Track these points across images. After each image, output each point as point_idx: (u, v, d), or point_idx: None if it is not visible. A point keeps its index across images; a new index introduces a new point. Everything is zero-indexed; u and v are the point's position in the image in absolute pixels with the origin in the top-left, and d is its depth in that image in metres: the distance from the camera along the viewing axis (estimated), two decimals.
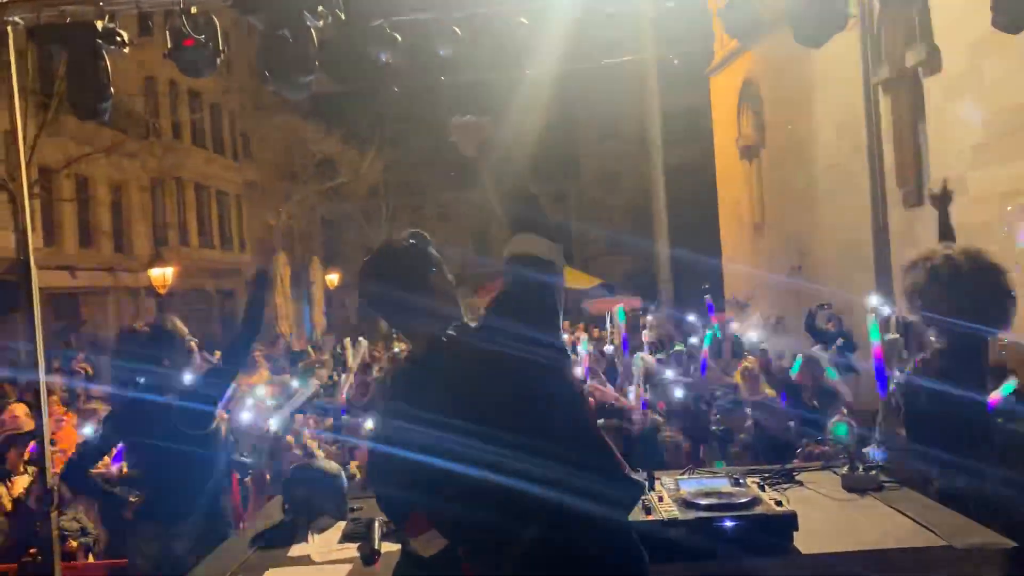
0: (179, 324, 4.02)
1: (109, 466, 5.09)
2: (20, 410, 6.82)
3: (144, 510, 3.79)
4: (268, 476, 5.55)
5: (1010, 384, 3.22)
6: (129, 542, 3.80)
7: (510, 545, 2.00)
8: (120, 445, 4.17)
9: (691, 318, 13.42)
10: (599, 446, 2.11)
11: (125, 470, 5.62)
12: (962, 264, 3.19)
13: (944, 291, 3.15)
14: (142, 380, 3.86)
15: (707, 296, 9.84)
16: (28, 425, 6.82)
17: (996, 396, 3.15)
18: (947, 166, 10.81)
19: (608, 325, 16.24)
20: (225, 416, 5.82)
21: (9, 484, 5.96)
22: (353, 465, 6.24)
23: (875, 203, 12.61)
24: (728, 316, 15.63)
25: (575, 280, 26.83)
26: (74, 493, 4.86)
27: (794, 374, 6.27)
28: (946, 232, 3.99)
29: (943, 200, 4.13)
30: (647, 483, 2.71)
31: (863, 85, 12.52)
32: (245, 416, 6.08)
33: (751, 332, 9.71)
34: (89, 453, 4.02)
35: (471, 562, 2.10)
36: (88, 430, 6.34)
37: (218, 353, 7.56)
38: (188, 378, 3.93)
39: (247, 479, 5.42)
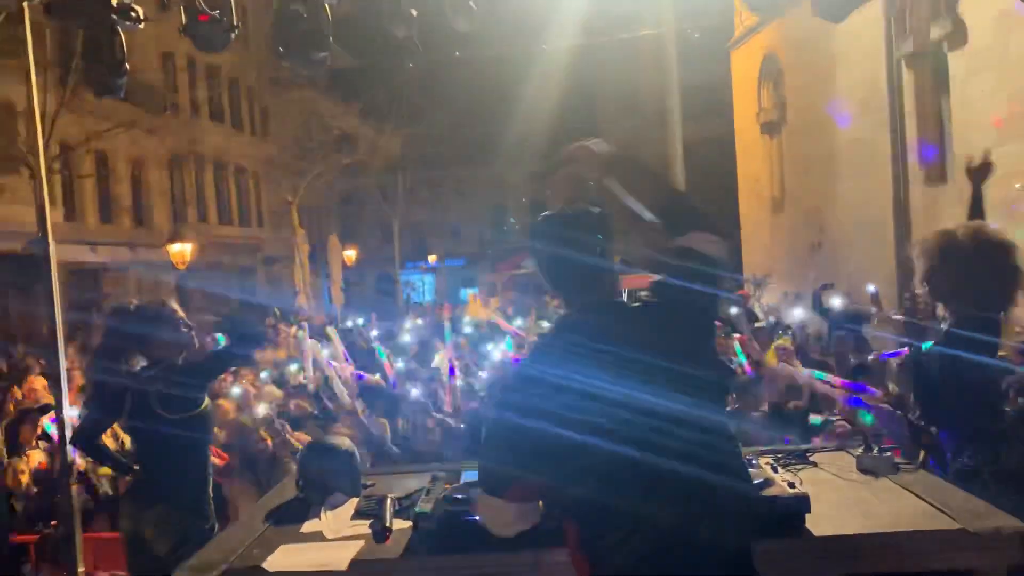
0: (174, 306, 3.98)
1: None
2: (39, 383, 6.92)
3: (127, 490, 3.88)
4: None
5: None
6: (123, 518, 3.85)
7: (635, 529, 1.95)
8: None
9: None
10: (730, 439, 2.10)
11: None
12: (966, 242, 3.14)
13: (950, 270, 3.12)
14: (121, 360, 3.83)
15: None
16: (46, 398, 6.92)
17: None
18: (970, 142, 10.66)
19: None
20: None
21: (25, 458, 6.06)
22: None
23: (896, 179, 12.48)
24: (744, 293, 15.56)
25: None
26: (85, 455, 4.91)
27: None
28: (977, 208, 3.83)
29: (979, 175, 3.92)
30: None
31: (886, 59, 12.34)
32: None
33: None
34: (93, 422, 4.02)
35: (588, 548, 2.02)
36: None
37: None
38: (179, 360, 3.89)
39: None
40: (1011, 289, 3.13)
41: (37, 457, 5.96)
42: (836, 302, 9.11)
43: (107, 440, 4.48)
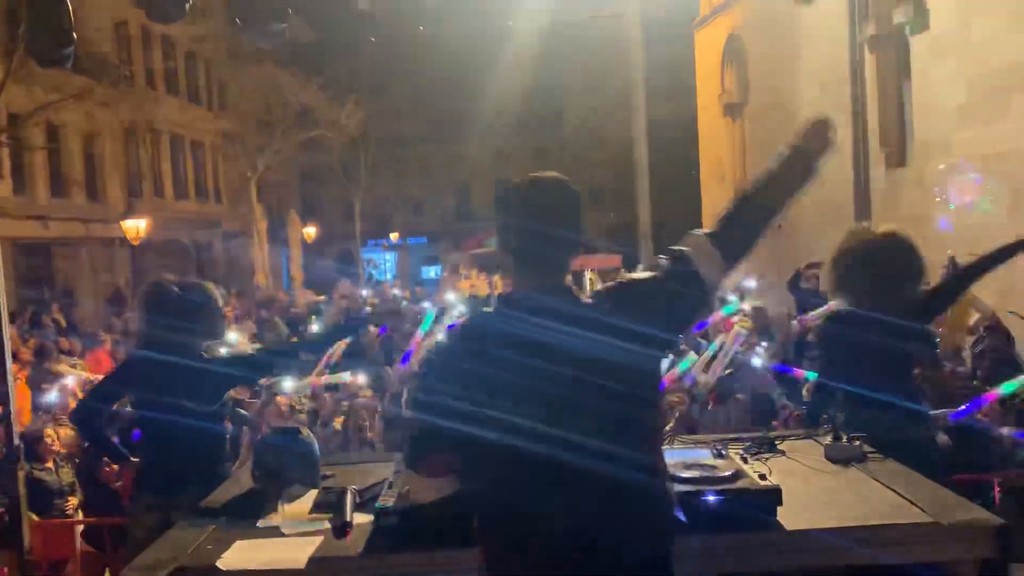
0: (214, 290, 3.83)
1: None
2: None
3: (144, 478, 3.67)
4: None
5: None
6: (129, 509, 3.70)
7: (540, 526, 1.91)
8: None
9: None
10: (654, 448, 2.05)
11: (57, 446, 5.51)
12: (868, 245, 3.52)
13: (855, 272, 3.48)
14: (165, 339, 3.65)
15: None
16: None
17: None
18: (931, 127, 10.75)
19: (587, 284, 16.16)
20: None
21: None
22: (338, 421, 6.17)
23: (857, 162, 12.56)
24: None
25: None
26: (82, 436, 4.73)
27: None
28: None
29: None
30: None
31: (848, 43, 12.38)
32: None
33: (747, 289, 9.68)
34: (100, 397, 3.85)
35: (487, 539, 2.00)
36: (54, 394, 6.22)
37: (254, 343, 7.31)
38: (214, 351, 3.76)
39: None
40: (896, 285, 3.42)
41: None
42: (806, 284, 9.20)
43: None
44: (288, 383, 5.77)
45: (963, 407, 4.21)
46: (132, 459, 3.83)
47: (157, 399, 3.58)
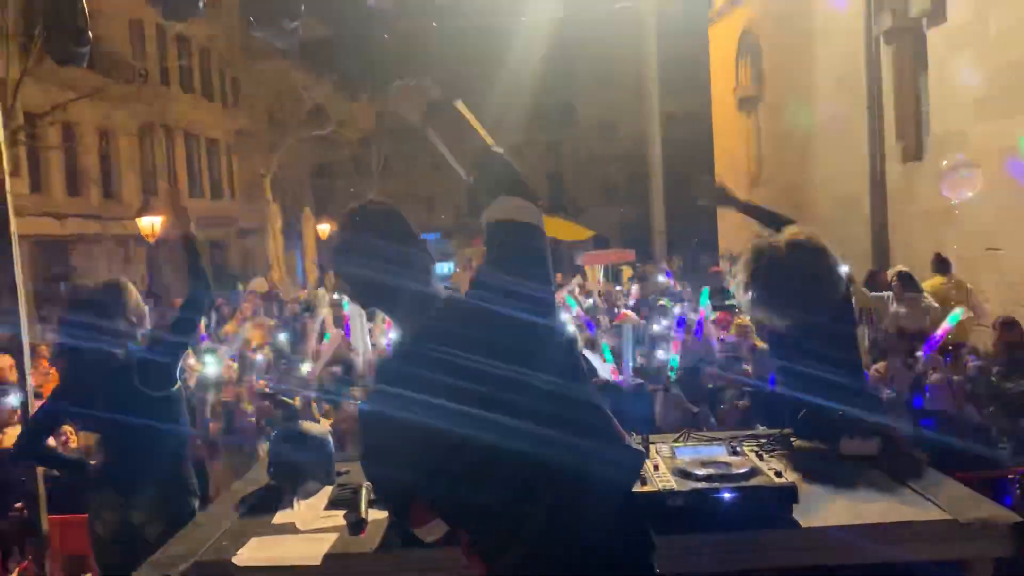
0: (131, 286, 3.78)
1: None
2: (4, 362, 6.73)
3: (102, 476, 3.61)
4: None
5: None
6: (89, 507, 3.62)
7: (517, 528, 1.89)
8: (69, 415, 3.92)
9: (661, 278, 13.28)
10: (597, 411, 2.02)
11: (74, 442, 5.52)
12: (783, 252, 3.24)
13: (771, 281, 3.21)
14: (94, 336, 3.57)
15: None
16: (11, 377, 6.74)
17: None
18: (948, 120, 10.66)
19: (601, 277, 16.14)
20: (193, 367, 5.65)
21: (0, 436, 5.92)
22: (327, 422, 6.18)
23: (873, 156, 12.48)
24: (718, 270, 15.57)
25: (569, 232, 26.63)
26: (31, 467, 4.69)
27: None
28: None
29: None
30: (644, 451, 2.63)
31: (864, 36, 12.30)
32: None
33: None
34: (42, 422, 3.78)
35: (478, 550, 1.98)
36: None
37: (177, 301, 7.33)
38: (146, 335, 3.71)
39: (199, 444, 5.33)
40: (833, 288, 3.26)
41: (13, 434, 5.82)
42: None
43: None
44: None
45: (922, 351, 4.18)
46: (90, 462, 3.81)
47: (109, 394, 3.52)
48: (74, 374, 3.71)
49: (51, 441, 4.03)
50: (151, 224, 19.51)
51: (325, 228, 30.21)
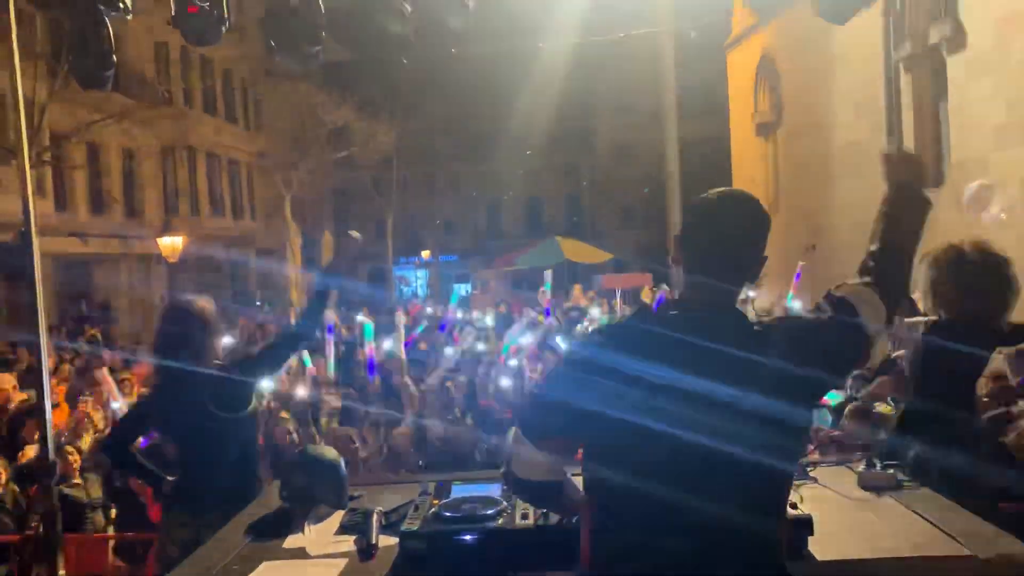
0: (210, 305, 3.85)
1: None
2: (7, 382, 6.78)
3: (175, 494, 3.69)
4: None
5: None
6: (161, 526, 3.70)
7: (648, 549, 1.86)
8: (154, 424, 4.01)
9: None
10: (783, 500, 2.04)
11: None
12: (970, 255, 3.24)
13: (953, 283, 3.21)
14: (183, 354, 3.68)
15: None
16: (15, 396, 6.81)
17: None
18: (968, 147, 10.60)
19: (617, 299, 16.08)
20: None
21: (20, 454, 5.97)
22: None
23: None
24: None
25: (586, 254, 26.60)
26: (114, 466, 4.78)
27: None
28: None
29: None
30: None
31: (884, 62, 12.28)
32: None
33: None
34: (130, 424, 3.89)
35: (595, 540, 1.95)
36: (116, 404, 6.29)
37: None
38: (228, 356, 3.81)
39: None
40: (1008, 301, 3.22)
41: (32, 452, 5.86)
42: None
43: None
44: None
45: None
46: (168, 478, 3.85)
47: (185, 412, 3.61)
48: (158, 386, 3.81)
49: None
50: (172, 244, 19.71)
51: None
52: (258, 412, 3.85)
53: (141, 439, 4.17)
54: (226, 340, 4.26)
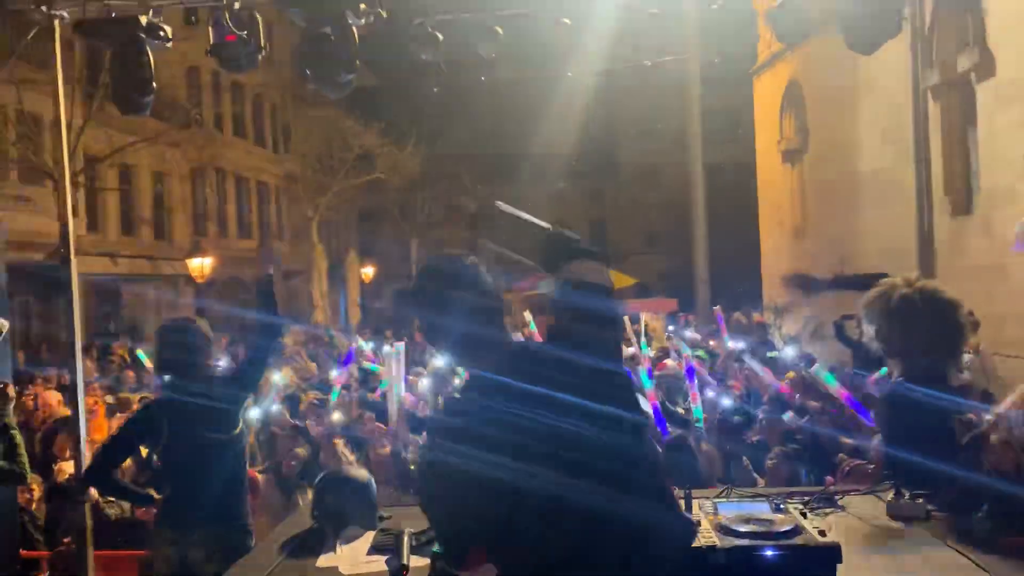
0: (205, 325, 3.96)
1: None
2: (53, 398, 6.89)
3: (163, 514, 3.73)
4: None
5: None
6: (150, 545, 3.75)
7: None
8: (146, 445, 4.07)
9: (689, 333, 13.05)
10: (657, 474, 2.06)
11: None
12: (917, 301, 3.40)
13: (901, 328, 3.38)
14: (170, 377, 3.80)
15: (716, 307, 9.88)
16: (61, 412, 6.91)
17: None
18: (997, 175, 10.54)
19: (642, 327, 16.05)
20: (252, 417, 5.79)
21: (55, 469, 6.05)
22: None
23: (921, 210, 12.35)
24: (762, 320, 15.36)
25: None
26: (99, 494, 4.83)
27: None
28: None
29: None
30: (689, 513, 2.63)
31: (912, 90, 12.25)
32: None
33: (788, 348, 9.38)
34: (113, 448, 3.94)
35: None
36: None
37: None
38: (215, 377, 3.88)
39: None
40: (955, 347, 3.43)
41: (68, 469, 5.94)
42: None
43: None
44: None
45: None
46: (155, 497, 3.89)
47: (174, 432, 3.66)
48: (147, 407, 3.91)
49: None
50: (200, 265, 19.96)
51: (369, 271, 30.55)
52: (244, 432, 3.88)
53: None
54: (222, 362, 4.36)
